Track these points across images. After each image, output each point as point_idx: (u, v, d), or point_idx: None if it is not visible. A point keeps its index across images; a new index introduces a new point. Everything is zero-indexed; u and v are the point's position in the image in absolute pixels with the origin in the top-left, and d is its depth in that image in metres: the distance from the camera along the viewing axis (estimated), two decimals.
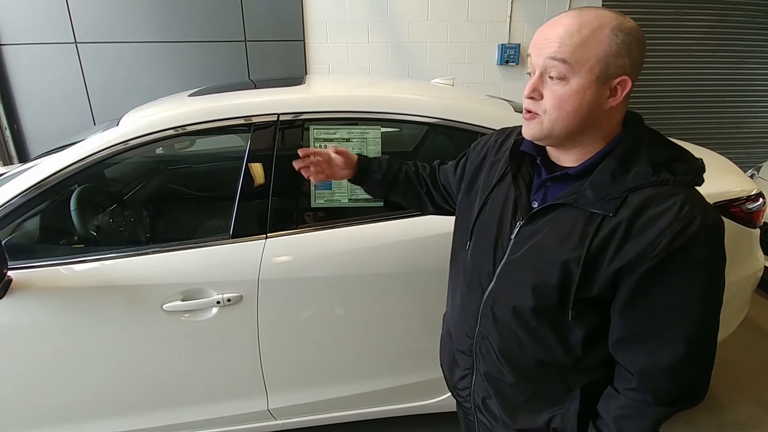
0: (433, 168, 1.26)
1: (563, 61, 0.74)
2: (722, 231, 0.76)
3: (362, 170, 1.21)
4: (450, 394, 1.12)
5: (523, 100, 0.83)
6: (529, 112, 0.81)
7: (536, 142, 0.85)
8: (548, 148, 0.88)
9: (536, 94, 0.79)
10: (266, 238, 1.49)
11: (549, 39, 0.76)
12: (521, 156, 0.92)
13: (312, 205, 1.54)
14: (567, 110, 0.77)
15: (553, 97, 0.77)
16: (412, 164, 1.26)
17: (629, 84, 0.77)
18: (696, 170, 0.79)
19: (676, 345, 0.76)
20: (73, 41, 3.42)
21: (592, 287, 0.78)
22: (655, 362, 0.77)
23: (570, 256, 0.78)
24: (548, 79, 0.77)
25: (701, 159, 0.81)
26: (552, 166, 0.88)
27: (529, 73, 0.81)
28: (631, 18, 0.80)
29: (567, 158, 0.85)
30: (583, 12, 0.77)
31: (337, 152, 1.18)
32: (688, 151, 0.82)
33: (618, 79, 0.76)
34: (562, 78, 0.75)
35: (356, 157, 1.22)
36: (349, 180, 1.23)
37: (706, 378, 0.80)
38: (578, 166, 0.82)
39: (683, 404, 0.81)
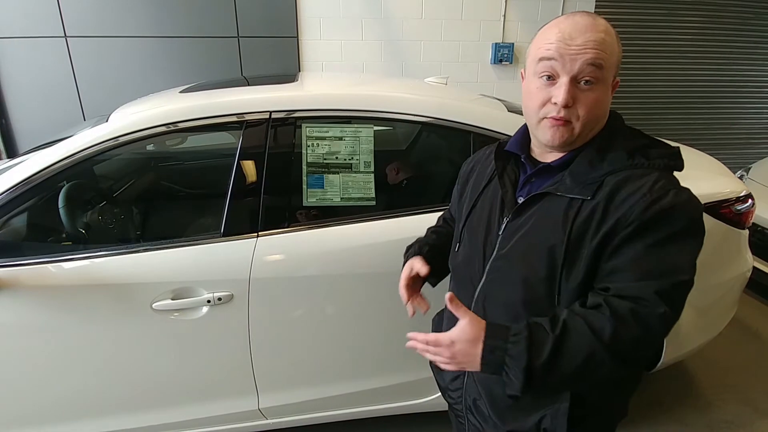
0: (443, 218, 1.26)
1: (600, 66, 0.77)
2: (697, 210, 0.78)
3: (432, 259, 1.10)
4: (440, 394, 1.13)
5: (546, 107, 0.81)
6: (561, 118, 0.79)
7: (562, 149, 0.84)
8: (534, 147, 0.91)
9: (572, 102, 0.79)
10: (257, 236, 1.47)
11: (585, 45, 0.76)
12: (506, 157, 0.95)
13: (304, 204, 1.53)
14: (597, 113, 0.81)
15: (587, 102, 0.79)
16: (438, 220, 1.25)
17: (618, 84, 0.83)
18: (670, 155, 0.82)
19: (649, 301, 0.74)
20: (63, 35, 3.37)
21: (578, 271, 0.79)
22: (627, 305, 0.75)
23: (554, 242, 0.80)
24: (578, 84, 0.78)
25: (678, 147, 0.84)
26: (536, 163, 0.90)
27: (549, 76, 0.79)
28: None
29: (551, 154, 0.87)
30: (596, 17, 0.80)
31: (416, 272, 1.05)
32: (664, 141, 0.86)
33: (616, 80, 0.82)
34: (594, 83, 0.78)
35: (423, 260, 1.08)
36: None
37: (655, 347, 0.80)
38: (560, 158, 0.86)
39: (621, 361, 0.76)
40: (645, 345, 0.78)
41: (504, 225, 0.89)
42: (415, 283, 1.06)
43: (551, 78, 0.79)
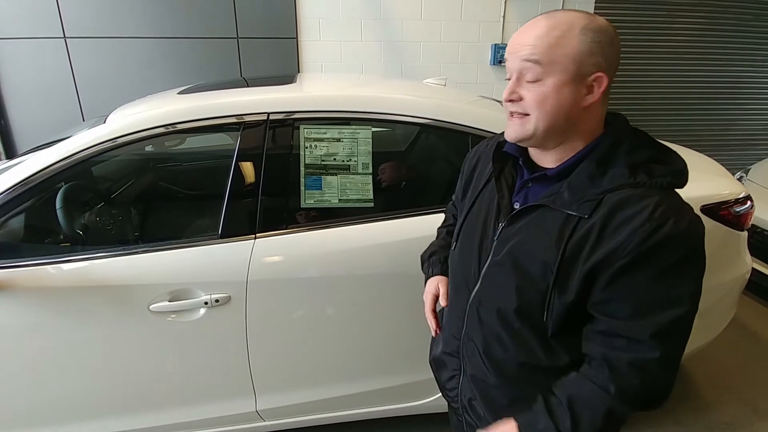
0: (449, 207, 1.28)
1: (536, 62, 0.77)
2: (698, 236, 0.76)
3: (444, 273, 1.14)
4: (440, 394, 1.13)
5: (504, 104, 0.84)
6: (513, 113, 0.83)
7: (519, 144, 0.86)
8: (530, 150, 0.89)
9: (515, 97, 0.81)
10: (255, 238, 1.47)
11: (522, 43, 0.79)
12: (505, 158, 0.93)
13: (302, 205, 1.53)
14: (547, 109, 0.78)
15: (533, 97, 0.79)
16: (447, 213, 1.27)
17: (605, 81, 0.78)
18: (675, 173, 0.79)
19: (642, 348, 0.76)
20: (62, 36, 3.37)
21: (570, 290, 0.79)
22: (623, 358, 0.77)
23: (547, 258, 0.79)
24: (525, 82, 0.79)
25: (684, 161, 0.81)
26: (534, 167, 0.89)
27: (508, 79, 0.82)
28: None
29: (548, 159, 0.86)
30: (553, 15, 0.79)
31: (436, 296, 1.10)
32: (672, 153, 0.83)
33: (593, 77, 0.78)
34: (538, 79, 0.78)
35: (442, 276, 1.14)
36: None
37: (668, 383, 0.80)
38: (557, 167, 0.84)
39: (640, 405, 0.80)
40: (652, 386, 0.79)
41: (499, 231, 0.88)
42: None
43: (509, 78, 0.82)
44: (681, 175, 0.80)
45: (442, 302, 1.07)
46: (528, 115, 0.80)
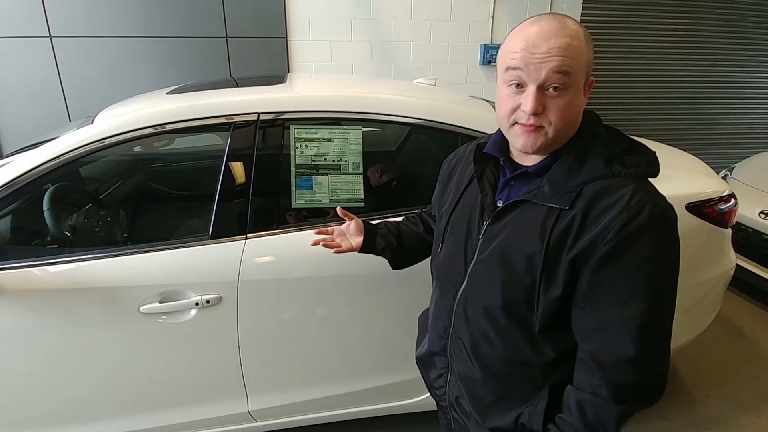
0: (421, 211, 1.31)
1: (566, 73, 0.76)
2: (672, 222, 0.78)
3: (369, 232, 1.22)
4: (428, 394, 1.14)
5: (516, 113, 0.80)
6: (531, 125, 0.79)
7: (536, 154, 0.85)
8: (512, 149, 0.91)
9: (541, 110, 0.78)
10: (246, 238, 1.47)
11: (549, 52, 0.75)
12: (485, 159, 0.95)
13: (293, 205, 1.53)
14: (570, 119, 0.80)
15: (557, 108, 0.78)
16: (417, 222, 1.30)
17: (592, 83, 0.83)
18: (647, 162, 0.82)
19: (631, 338, 0.77)
20: (48, 35, 3.32)
21: (557, 283, 0.80)
22: (611, 354, 0.78)
23: (533, 251, 0.81)
24: (546, 91, 0.78)
25: (654, 152, 0.84)
26: (515, 166, 0.90)
27: (518, 84, 0.79)
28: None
29: (529, 158, 0.87)
30: (563, 20, 0.78)
31: (344, 215, 1.22)
32: (643, 146, 0.85)
33: (589, 81, 0.81)
34: (563, 89, 0.77)
35: (360, 221, 1.23)
36: (361, 250, 1.23)
37: (662, 373, 0.81)
38: (537, 164, 0.86)
39: (638, 400, 0.81)
40: (649, 378, 0.80)
41: (484, 229, 0.90)
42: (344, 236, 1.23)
43: (519, 86, 0.79)
44: (653, 165, 0.83)
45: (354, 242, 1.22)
46: (542, 126, 0.79)
